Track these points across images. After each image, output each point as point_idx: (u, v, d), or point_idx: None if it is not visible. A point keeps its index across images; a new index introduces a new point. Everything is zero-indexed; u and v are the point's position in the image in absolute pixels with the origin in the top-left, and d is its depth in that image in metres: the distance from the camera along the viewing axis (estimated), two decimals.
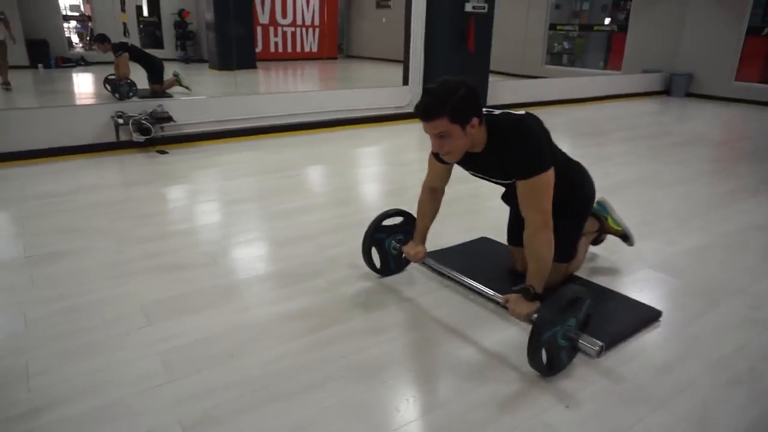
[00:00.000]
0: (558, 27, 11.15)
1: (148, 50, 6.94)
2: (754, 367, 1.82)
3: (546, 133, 1.86)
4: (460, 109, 1.67)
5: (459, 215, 3.16)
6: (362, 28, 14.69)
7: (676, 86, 9.13)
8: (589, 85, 8.59)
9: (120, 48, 6.13)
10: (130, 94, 5.87)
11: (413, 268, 2.49)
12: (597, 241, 2.56)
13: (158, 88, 6.44)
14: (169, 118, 4.50)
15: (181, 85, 6.64)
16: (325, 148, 4.98)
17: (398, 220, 2.41)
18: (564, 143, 1.94)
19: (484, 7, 5.87)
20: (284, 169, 4.22)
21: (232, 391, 1.63)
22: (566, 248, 2.18)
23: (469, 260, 2.52)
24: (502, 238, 2.51)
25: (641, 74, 9.20)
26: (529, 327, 1.66)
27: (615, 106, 8.10)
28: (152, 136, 4.41)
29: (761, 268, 2.59)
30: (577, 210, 2.17)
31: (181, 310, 2.09)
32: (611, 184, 3.77)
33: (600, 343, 1.61)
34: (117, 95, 5.90)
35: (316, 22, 13.39)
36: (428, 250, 2.23)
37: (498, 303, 1.89)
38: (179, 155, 4.49)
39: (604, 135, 6.00)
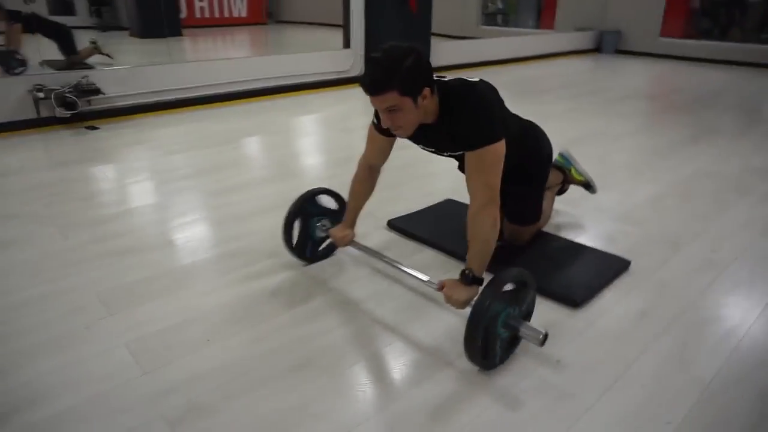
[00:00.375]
0: None
1: (56, 18, 6.27)
2: (721, 304, 1.91)
3: (499, 102, 1.76)
4: (410, 79, 1.52)
5: (417, 178, 3.11)
6: None
7: (606, 44, 9.40)
8: (525, 45, 8.68)
9: (11, 17, 5.41)
10: (17, 71, 5.17)
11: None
12: (561, 191, 2.59)
13: (76, 59, 5.86)
14: (97, 91, 4.13)
15: (101, 53, 6.07)
16: (267, 117, 4.75)
17: (326, 200, 2.20)
18: (510, 102, 1.88)
19: None
20: (225, 141, 3.99)
21: (212, 378, 1.52)
22: (532, 211, 2.20)
23: (437, 226, 2.49)
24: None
25: (573, 33, 9.39)
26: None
27: (551, 64, 8.25)
28: (79, 111, 4.04)
29: (712, 213, 2.72)
30: (537, 172, 2.17)
31: (141, 296, 1.93)
32: (565, 141, 3.83)
33: (543, 331, 1.47)
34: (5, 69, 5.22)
35: None
36: (392, 218, 2.16)
37: (434, 289, 1.69)
38: (111, 131, 4.14)
39: (547, 93, 6.09)
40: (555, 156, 2.53)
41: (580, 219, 2.61)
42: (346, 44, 6.01)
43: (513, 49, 8.32)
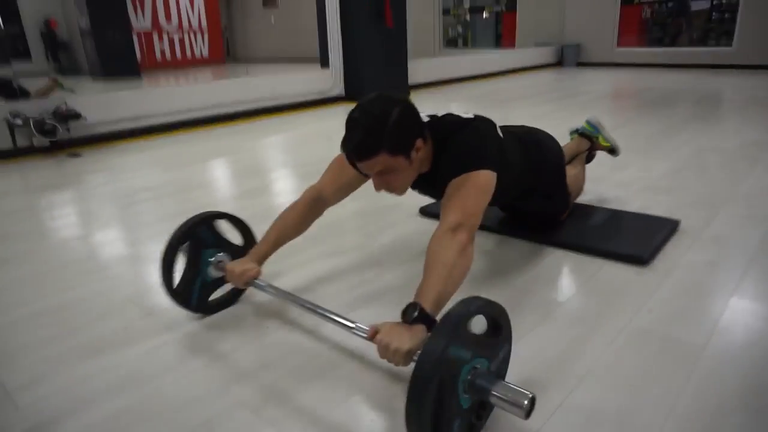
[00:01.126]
0: (452, 11, 11.49)
1: (9, 65, 5.96)
2: None
3: (495, 136, 1.51)
4: (399, 136, 1.28)
5: None
6: (249, 29, 14.13)
7: (567, 57, 9.76)
8: (492, 61, 8.91)
9: None
10: None
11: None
12: (589, 159, 2.54)
13: (35, 98, 5.59)
14: (78, 115, 3.92)
15: (62, 88, 5.83)
16: (246, 138, 4.61)
17: (229, 231, 1.64)
18: (495, 110, 1.77)
19: None
20: (205, 164, 3.83)
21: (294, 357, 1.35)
22: (561, 207, 2.09)
23: None
24: None
25: (536, 48, 9.72)
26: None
27: (519, 78, 8.46)
28: (59, 138, 3.81)
29: (732, 179, 2.73)
30: (553, 185, 1.98)
31: None
32: (564, 132, 3.85)
33: (530, 394, 0.95)
34: None
35: (204, 25, 12.67)
36: (423, 205, 1.77)
37: (364, 338, 1.16)
38: (94, 156, 3.92)
39: (528, 98, 6.20)
40: (580, 126, 2.51)
41: (607, 194, 2.57)
42: (324, 63, 5.99)
43: (481, 66, 8.51)
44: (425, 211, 2.41)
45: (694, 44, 9.21)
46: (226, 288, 1.64)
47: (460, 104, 5.81)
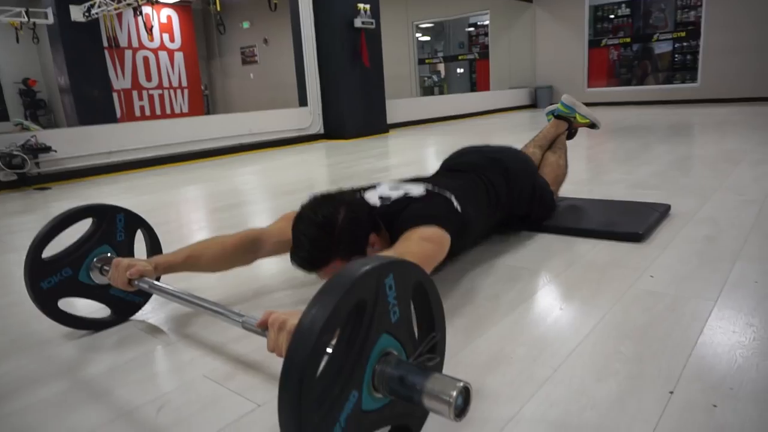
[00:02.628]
0: (427, 61, 11.85)
1: None
2: None
3: (445, 200, 1.40)
4: (350, 241, 1.20)
5: None
6: (229, 86, 14.38)
7: (540, 98, 10.03)
8: (469, 102, 9.11)
9: None
10: None
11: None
12: (570, 136, 2.48)
13: None
14: (48, 148, 3.81)
15: (28, 129, 5.76)
16: (218, 171, 4.51)
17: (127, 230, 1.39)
18: (478, 138, 1.71)
19: (372, 23, 5.97)
20: (178, 190, 3.73)
21: None
22: (547, 210, 1.97)
23: None
24: None
25: (511, 90, 9.99)
26: None
27: (495, 117, 8.63)
28: (27, 171, 3.68)
29: (718, 175, 2.71)
30: (528, 207, 1.84)
31: None
32: None
33: (460, 383, 0.66)
34: None
35: (184, 83, 12.86)
36: None
37: (255, 332, 0.91)
38: (63, 189, 3.78)
39: (507, 130, 6.28)
40: (555, 107, 2.48)
41: (595, 192, 2.51)
42: (302, 102, 6.03)
43: (458, 106, 8.69)
44: None
45: (661, 83, 9.57)
46: (100, 314, 1.35)
47: (439, 138, 5.85)
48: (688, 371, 0.96)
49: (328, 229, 1.17)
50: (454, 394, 0.65)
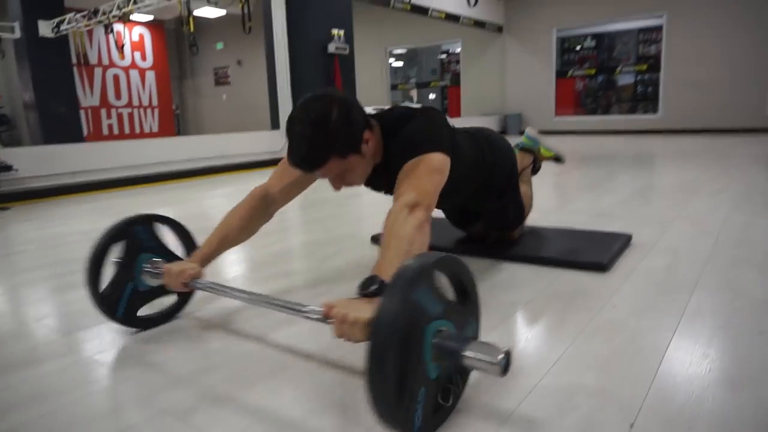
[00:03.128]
0: (399, 86, 12.04)
1: None
2: (735, 255, 1.88)
3: (445, 122, 1.49)
4: (345, 137, 1.25)
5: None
6: (201, 106, 14.28)
7: (510, 126, 10.28)
8: None
9: None
10: None
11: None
12: (535, 171, 2.53)
13: None
14: (9, 167, 3.70)
15: None
16: (186, 195, 4.48)
17: (169, 237, 1.54)
18: None
19: (346, 49, 6.05)
20: (146, 211, 3.66)
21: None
22: (515, 216, 2.04)
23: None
24: None
25: (481, 117, 10.21)
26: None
27: None
28: None
29: (677, 205, 2.81)
30: (506, 184, 1.93)
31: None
32: None
33: (504, 350, 0.86)
34: None
35: (155, 102, 12.71)
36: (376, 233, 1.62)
37: (317, 320, 1.02)
38: (24, 209, 3.66)
39: None
40: (519, 140, 2.54)
41: (560, 221, 2.57)
42: (275, 125, 6.03)
43: None
44: (378, 239, 2.32)
45: (624, 113, 9.94)
46: (161, 305, 1.47)
47: None
48: (648, 403, 0.98)
49: (323, 127, 1.21)
50: (500, 357, 0.85)
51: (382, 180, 1.50)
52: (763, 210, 2.61)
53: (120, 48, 10.92)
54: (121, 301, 1.37)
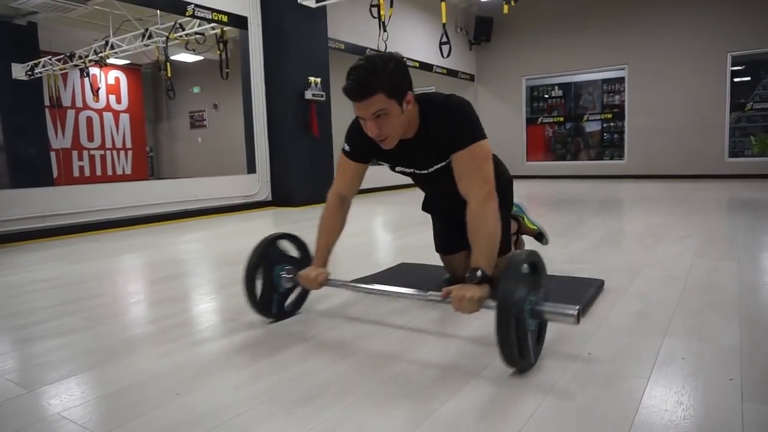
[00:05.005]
0: None
1: None
2: (702, 301, 1.94)
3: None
4: (395, 81, 1.52)
5: (356, 258, 2.99)
6: (176, 149, 14.22)
7: None
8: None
9: None
10: None
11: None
12: (516, 245, 2.59)
13: None
14: None
15: None
16: (161, 238, 4.40)
17: (288, 247, 1.94)
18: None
19: (322, 95, 6.17)
20: (116, 257, 3.59)
21: (199, 425, 1.15)
22: (505, 243, 2.10)
23: (393, 285, 2.34)
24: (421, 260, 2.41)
25: None
26: (484, 317, 1.43)
27: None
28: None
29: (645, 251, 2.90)
30: (501, 197, 2.08)
31: (70, 371, 1.49)
32: None
33: (576, 307, 1.32)
34: None
35: (128, 144, 12.62)
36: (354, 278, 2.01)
37: (438, 301, 1.51)
38: None
39: None
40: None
41: None
42: (251, 169, 6.04)
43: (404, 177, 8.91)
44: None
45: (592, 159, 10.29)
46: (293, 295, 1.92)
47: (387, 207, 5.96)
48: None
49: (381, 66, 1.50)
50: (575, 311, 1.32)
51: (417, 155, 1.73)
52: (726, 255, 2.70)
53: (95, 91, 10.94)
54: (272, 303, 1.84)
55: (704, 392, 1.23)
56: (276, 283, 1.84)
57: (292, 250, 1.94)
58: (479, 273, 1.42)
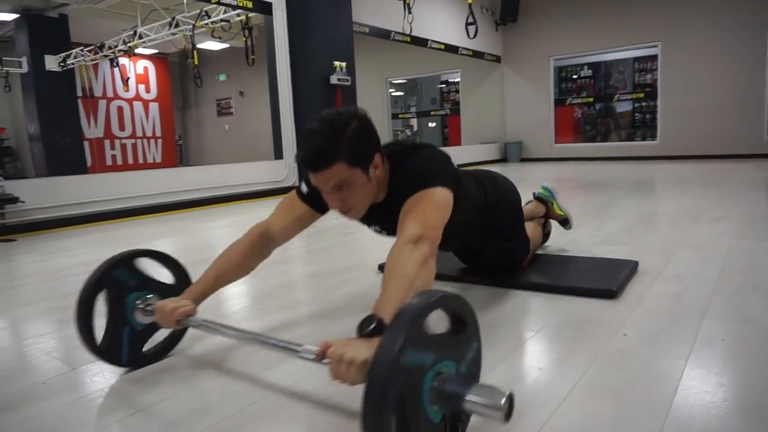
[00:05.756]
0: (400, 116, 12.19)
1: None
2: (742, 282, 1.88)
3: (449, 160, 1.48)
4: (357, 146, 1.26)
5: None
6: (204, 136, 14.42)
7: (510, 153, 10.36)
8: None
9: None
10: None
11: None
12: (545, 235, 2.51)
13: None
14: (15, 199, 3.73)
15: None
16: (191, 223, 4.48)
17: (155, 269, 1.47)
18: None
19: (348, 80, 6.15)
20: (150, 242, 3.68)
21: None
22: (522, 251, 2.04)
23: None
24: None
25: (482, 145, 10.30)
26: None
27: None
28: None
29: (680, 232, 2.82)
30: (511, 225, 1.94)
31: None
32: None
33: (507, 392, 0.82)
34: None
35: (158, 133, 12.86)
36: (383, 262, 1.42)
37: (312, 360, 1.01)
38: (30, 240, 3.68)
39: None
40: (536, 191, 2.56)
41: (565, 249, 2.58)
42: (278, 155, 6.08)
43: None
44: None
45: (623, 140, 10.04)
46: (161, 336, 1.45)
47: None
48: None
49: (341, 129, 1.25)
50: (503, 401, 0.81)
51: (385, 217, 1.45)
52: (767, 236, 2.62)
53: (125, 81, 11.14)
54: (123, 347, 1.36)
55: (746, 374, 1.20)
56: (128, 317, 1.38)
57: (165, 275, 1.50)
58: (374, 323, 0.98)
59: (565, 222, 2.60)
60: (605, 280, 1.88)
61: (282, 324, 1.71)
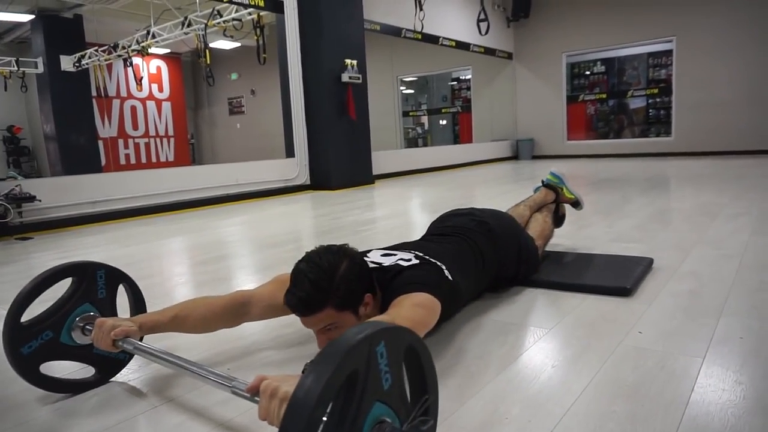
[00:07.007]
0: (411, 113, 12.16)
1: None
2: (761, 280, 1.86)
3: (437, 270, 1.44)
4: (346, 291, 1.21)
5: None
6: (216, 135, 14.51)
7: (522, 151, 10.29)
8: (453, 153, 9.30)
9: None
10: None
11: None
12: (559, 221, 2.52)
13: None
14: (32, 198, 3.78)
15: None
16: (205, 221, 4.50)
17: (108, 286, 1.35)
18: (461, 190, 1.77)
19: (359, 78, 6.15)
20: (165, 240, 3.70)
21: None
22: (534, 261, 1.97)
23: None
24: None
25: (493, 142, 10.25)
26: None
27: (478, 168, 8.80)
28: (9, 221, 3.63)
29: (696, 229, 2.79)
30: (517, 265, 1.86)
31: None
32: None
33: None
34: None
35: (171, 132, 12.96)
36: None
37: (244, 396, 0.91)
38: (46, 238, 3.73)
39: (489, 182, 6.40)
40: (544, 178, 2.55)
41: (578, 246, 2.56)
42: (290, 153, 6.10)
43: (441, 157, 8.86)
44: None
45: (636, 136, 9.93)
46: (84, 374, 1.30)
47: (424, 189, 5.94)
48: (682, 431, 0.96)
49: (330, 274, 1.20)
50: None
51: None
52: None
53: (138, 81, 11.23)
54: (33, 341, 1.20)
55: (766, 372, 1.18)
56: (63, 324, 1.25)
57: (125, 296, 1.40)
58: None
59: (576, 204, 2.59)
60: (619, 277, 1.86)
61: (282, 324, 1.71)
